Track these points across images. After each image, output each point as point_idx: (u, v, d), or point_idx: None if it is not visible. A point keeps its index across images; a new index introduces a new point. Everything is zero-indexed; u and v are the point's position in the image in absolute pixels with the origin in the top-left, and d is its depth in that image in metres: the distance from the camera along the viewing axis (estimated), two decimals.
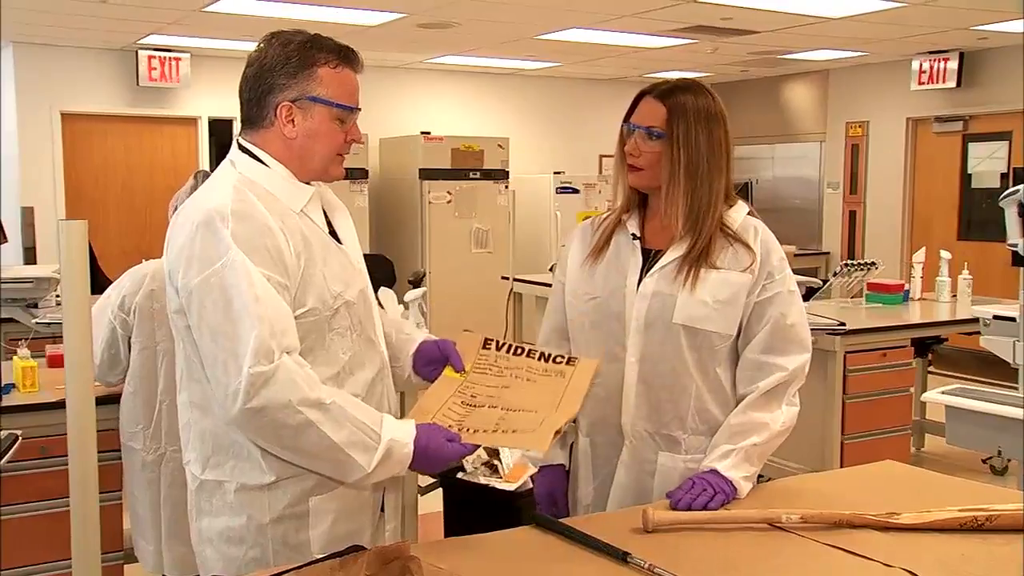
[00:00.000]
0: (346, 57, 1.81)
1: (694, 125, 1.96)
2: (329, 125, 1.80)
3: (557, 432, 1.75)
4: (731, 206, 2.04)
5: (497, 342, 1.93)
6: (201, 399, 1.76)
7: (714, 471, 1.93)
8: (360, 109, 1.85)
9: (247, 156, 1.80)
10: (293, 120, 1.77)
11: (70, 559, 1.92)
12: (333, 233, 1.86)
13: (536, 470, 2.22)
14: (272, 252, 1.68)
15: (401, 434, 1.70)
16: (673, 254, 2.00)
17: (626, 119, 2.04)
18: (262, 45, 1.80)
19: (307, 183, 1.82)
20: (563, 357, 1.93)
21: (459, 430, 1.76)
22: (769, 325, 1.99)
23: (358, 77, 1.85)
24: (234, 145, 1.84)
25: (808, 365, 2.04)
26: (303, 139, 1.79)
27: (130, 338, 2.77)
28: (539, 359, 1.91)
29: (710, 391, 2.01)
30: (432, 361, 1.96)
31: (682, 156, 1.96)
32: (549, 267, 7.46)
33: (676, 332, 1.98)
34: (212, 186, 1.78)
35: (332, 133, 1.81)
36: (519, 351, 1.93)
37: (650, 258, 2.03)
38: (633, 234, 2.06)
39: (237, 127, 1.91)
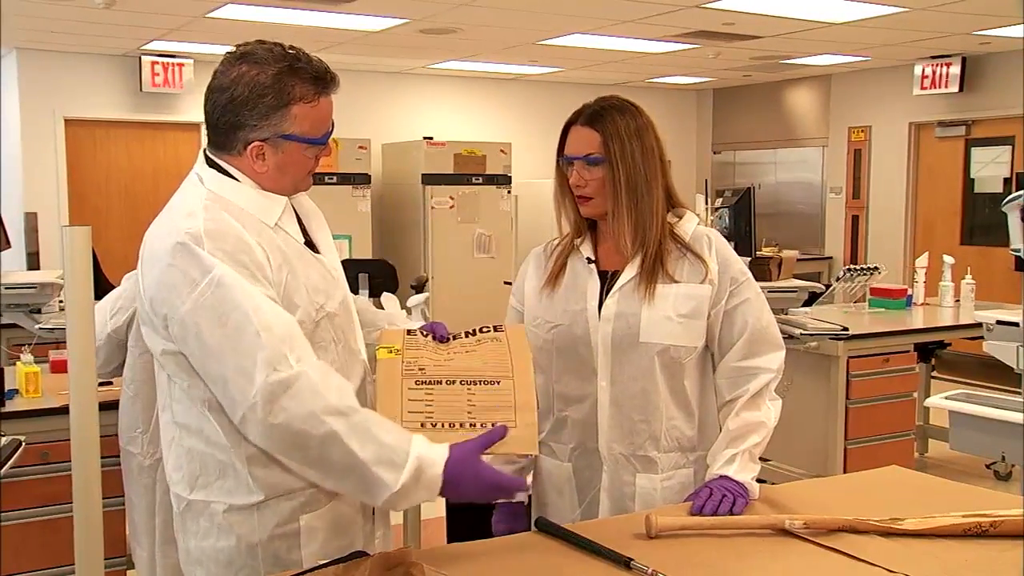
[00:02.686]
0: (323, 86, 1.72)
1: (628, 141, 1.97)
2: (301, 156, 1.72)
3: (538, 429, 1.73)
4: (680, 217, 2.06)
5: (421, 331, 1.89)
6: (185, 418, 1.70)
7: (725, 477, 1.94)
8: (332, 130, 1.77)
9: (214, 170, 1.72)
10: (264, 156, 1.70)
11: (72, 565, 1.92)
12: (310, 243, 1.80)
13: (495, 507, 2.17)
14: (254, 268, 1.61)
15: (430, 451, 1.60)
16: (629, 273, 2.01)
17: (560, 153, 2.05)
18: (231, 71, 1.68)
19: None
20: (488, 327, 1.89)
21: (432, 428, 1.70)
22: (747, 332, 2.01)
23: (333, 96, 1.77)
24: (200, 158, 1.76)
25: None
26: (273, 171, 1.72)
27: (125, 342, 2.77)
28: (465, 336, 1.88)
29: (678, 407, 2.02)
30: None
31: (622, 175, 1.97)
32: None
33: (644, 351, 1.99)
34: (180, 207, 1.68)
35: (303, 162, 1.74)
36: (444, 340, 1.87)
37: (607, 280, 2.04)
38: (588, 258, 2.07)
39: None
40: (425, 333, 1.88)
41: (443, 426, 1.71)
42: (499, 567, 1.66)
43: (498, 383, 1.76)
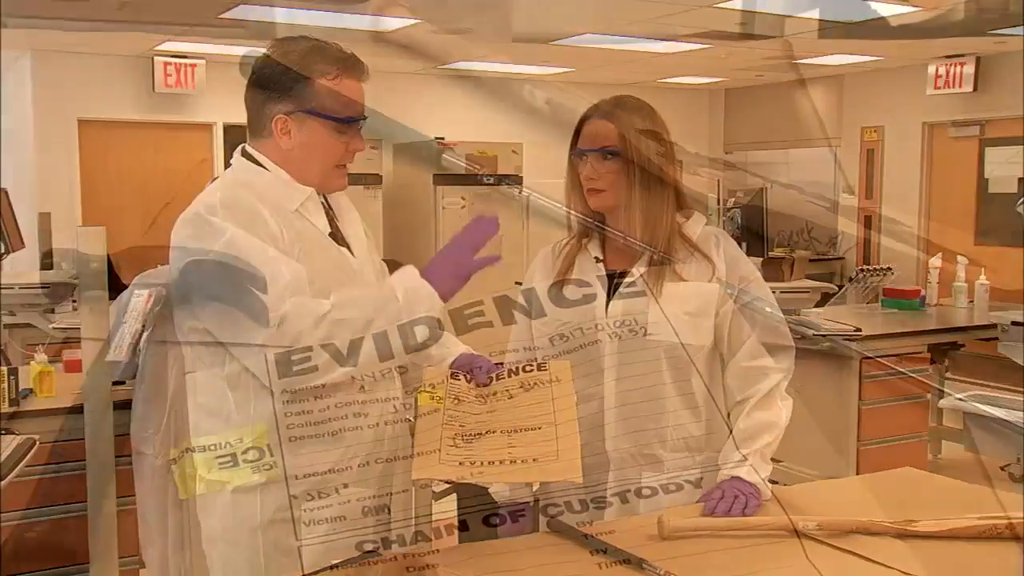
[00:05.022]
0: (347, 67, 1.79)
1: (643, 138, 1.99)
2: (326, 138, 1.77)
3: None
4: (688, 218, 2.06)
5: (465, 376, 1.88)
6: (207, 399, 1.76)
7: (737, 478, 1.93)
8: (363, 119, 1.81)
9: (247, 161, 1.81)
10: (289, 132, 1.76)
11: (85, 564, 1.93)
12: (337, 237, 1.84)
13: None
14: (267, 238, 1.68)
15: (402, 276, 1.73)
16: (637, 271, 2.01)
17: (573, 147, 2.06)
18: (265, 52, 1.80)
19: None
20: (531, 365, 1.88)
21: (471, 465, 1.67)
22: (757, 331, 2.01)
23: (364, 85, 1.83)
24: (238, 151, 1.85)
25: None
26: (299, 151, 1.77)
27: (136, 344, 2.78)
28: (508, 375, 1.85)
29: (686, 406, 2.02)
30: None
31: (636, 170, 1.98)
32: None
33: (651, 349, 1.98)
34: (205, 190, 1.79)
35: (329, 145, 1.78)
36: (485, 384, 1.86)
37: (615, 279, 2.04)
38: (596, 257, 2.07)
39: None
40: (469, 379, 1.86)
41: (482, 463, 1.67)
42: (512, 567, 1.66)
43: (540, 428, 1.72)
